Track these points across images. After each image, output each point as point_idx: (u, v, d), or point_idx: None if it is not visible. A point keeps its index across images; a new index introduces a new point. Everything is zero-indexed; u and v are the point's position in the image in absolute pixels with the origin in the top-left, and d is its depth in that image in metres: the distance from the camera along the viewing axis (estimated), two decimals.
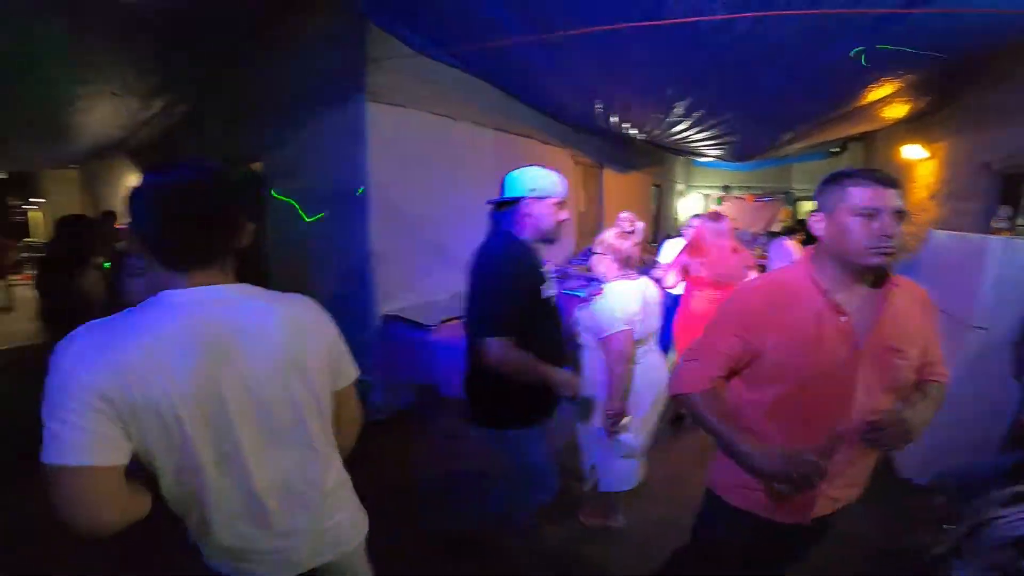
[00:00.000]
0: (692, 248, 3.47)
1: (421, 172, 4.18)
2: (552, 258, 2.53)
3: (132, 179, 7.58)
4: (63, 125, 4.58)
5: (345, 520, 1.14)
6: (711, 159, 7.58)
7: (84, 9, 2.85)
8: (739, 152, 6.05)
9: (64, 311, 3.88)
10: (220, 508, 0.95)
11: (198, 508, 0.95)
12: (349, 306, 3.88)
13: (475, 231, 5.05)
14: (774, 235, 6.94)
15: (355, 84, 3.71)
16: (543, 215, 1.84)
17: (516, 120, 5.08)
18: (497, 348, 1.66)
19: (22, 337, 6.01)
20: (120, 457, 0.85)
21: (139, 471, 0.92)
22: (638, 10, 2.58)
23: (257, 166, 4.74)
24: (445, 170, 4.44)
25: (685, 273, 3.49)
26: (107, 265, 4.02)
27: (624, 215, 2.73)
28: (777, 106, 4.16)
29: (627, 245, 2.32)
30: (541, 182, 1.84)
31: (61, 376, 0.82)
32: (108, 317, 0.89)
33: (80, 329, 0.86)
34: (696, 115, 4.37)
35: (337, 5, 3.64)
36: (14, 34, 2.94)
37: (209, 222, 0.93)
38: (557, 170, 1.98)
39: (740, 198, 11.60)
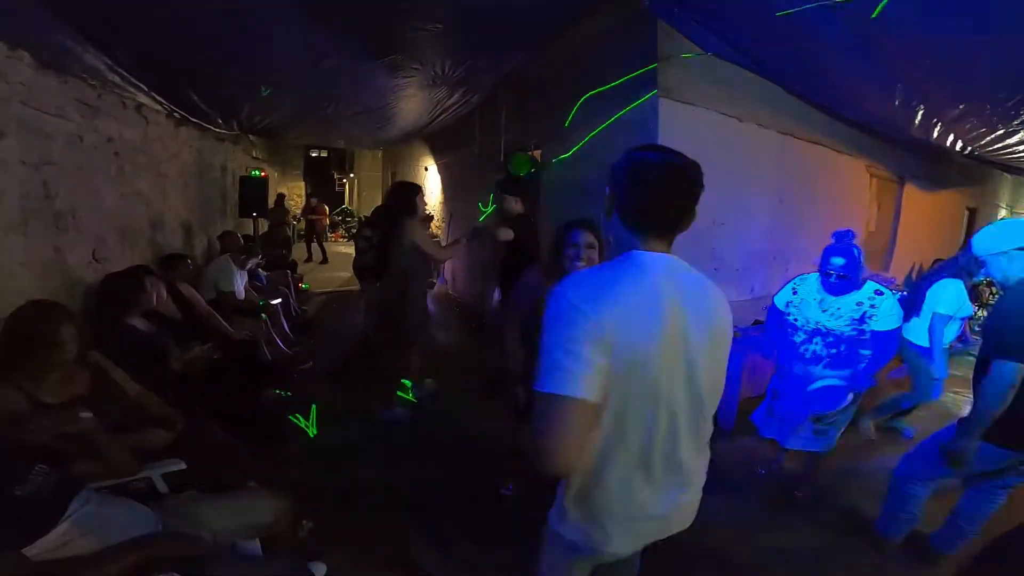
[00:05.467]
0: None
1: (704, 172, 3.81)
2: None
3: (424, 159, 8.79)
4: (389, 112, 5.34)
5: (696, 501, 1.12)
6: None
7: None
8: None
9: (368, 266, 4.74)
10: (626, 453, 0.97)
11: (605, 454, 0.97)
12: None
13: (745, 239, 4.73)
14: None
15: (647, 80, 3.57)
16: None
17: (805, 125, 4.47)
18: None
19: (336, 284, 7.51)
20: (601, 395, 0.91)
21: None
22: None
23: (536, 153, 4.84)
24: (726, 172, 4.03)
25: None
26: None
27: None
28: None
29: None
30: None
31: (570, 312, 0.90)
32: (593, 268, 1.03)
33: (576, 276, 0.98)
34: None
35: (631, 3, 3.48)
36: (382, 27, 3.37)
37: (684, 201, 1.00)
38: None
39: None
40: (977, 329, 3.71)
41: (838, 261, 2.38)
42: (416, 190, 3.60)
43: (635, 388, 0.93)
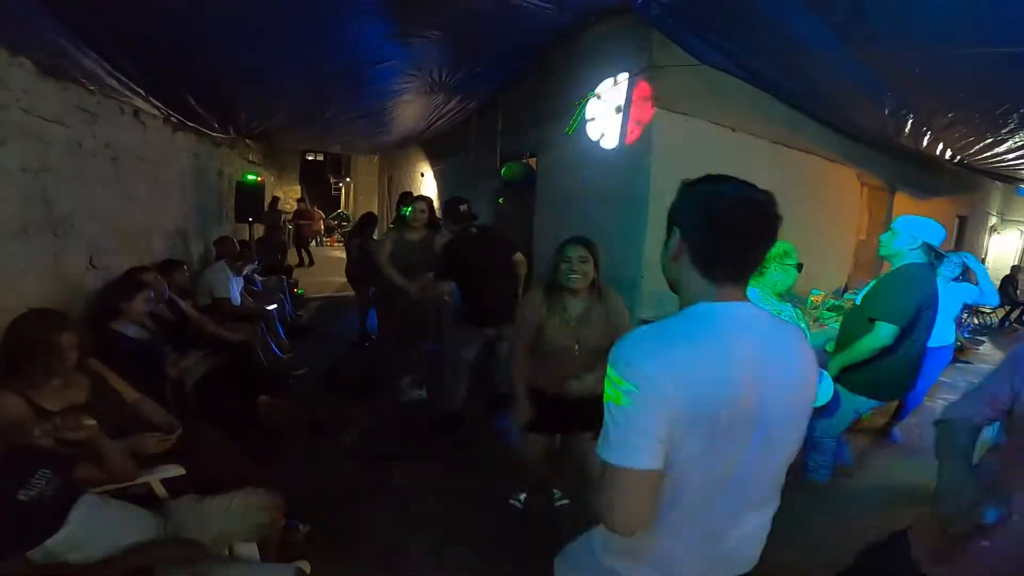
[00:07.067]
0: None
1: None
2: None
3: (420, 165, 8.82)
4: (386, 117, 5.38)
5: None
6: None
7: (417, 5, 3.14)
8: None
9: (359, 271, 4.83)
10: (693, 523, 0.90)
11: (667, 519, 0.88)
12: None
13: None
14: None
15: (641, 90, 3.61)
16: None
17: (797, 134, 4.52)
18: None
19: (331, 289, 7.52)
20: (662, 462, 0.83)
21: None
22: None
23: (532, 162, 4.88)
24: None
25: None
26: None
27: None
28: None
29: None
30: None
31: (645, 383, 0.80)
32: (662, 324, 0.89)
33: (637, 333, 0.87)
34: None
35: (625, 13, 3.52)
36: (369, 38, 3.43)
37: (767, 242, 0.89)
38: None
39: None
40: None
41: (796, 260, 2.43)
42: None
43: (696, 462, 0.84)
